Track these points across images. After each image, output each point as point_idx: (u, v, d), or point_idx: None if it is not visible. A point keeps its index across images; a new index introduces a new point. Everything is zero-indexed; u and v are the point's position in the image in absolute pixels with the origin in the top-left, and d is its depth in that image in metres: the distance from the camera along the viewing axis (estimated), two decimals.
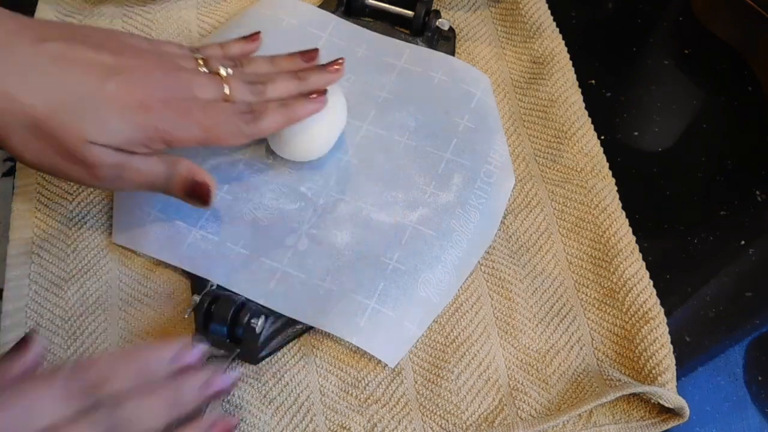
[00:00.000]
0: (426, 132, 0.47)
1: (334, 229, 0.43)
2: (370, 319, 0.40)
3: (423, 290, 0.41)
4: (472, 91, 0.48)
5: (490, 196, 0.45)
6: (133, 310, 0.42)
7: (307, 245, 0.42)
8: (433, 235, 0.43)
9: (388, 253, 0.42)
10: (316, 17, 0.52)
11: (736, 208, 0.47)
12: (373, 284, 0.41)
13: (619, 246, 0.43)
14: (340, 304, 0.40)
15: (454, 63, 0.50)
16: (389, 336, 0.40)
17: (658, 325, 0.40)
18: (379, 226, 0.43)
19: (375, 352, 0.39)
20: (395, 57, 0.50)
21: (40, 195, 0.45)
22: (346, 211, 0.44)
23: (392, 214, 0.43)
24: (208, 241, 0.42)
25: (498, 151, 0.46)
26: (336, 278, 0.41)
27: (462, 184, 0.44)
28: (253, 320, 0.39)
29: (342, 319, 0.40)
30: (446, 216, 0.43)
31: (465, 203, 0.44)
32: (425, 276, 0.41)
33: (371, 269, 0.41)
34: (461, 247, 0.43)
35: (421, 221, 0.43)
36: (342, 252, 0.42)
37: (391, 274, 0.41)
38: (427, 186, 0.44)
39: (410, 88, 0.48)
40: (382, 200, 0.44)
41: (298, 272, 0.41)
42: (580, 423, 0.38)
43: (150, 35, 0.52)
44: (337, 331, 0.40)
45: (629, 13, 0.56)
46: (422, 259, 0.42)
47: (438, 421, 0.39)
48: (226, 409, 0.39)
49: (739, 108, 0.51)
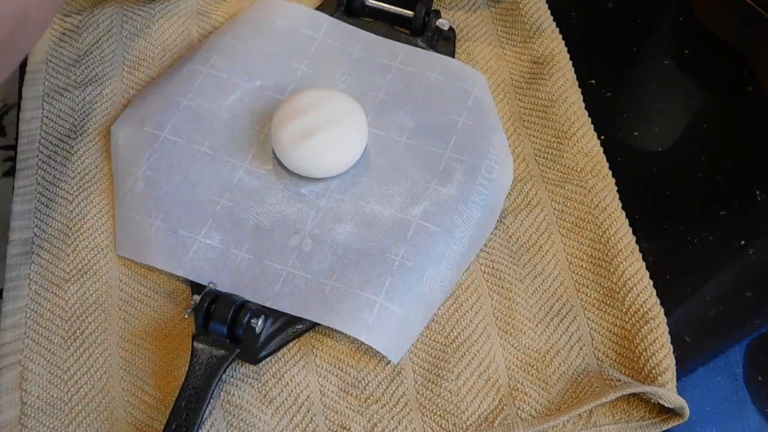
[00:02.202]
0: (425, 131, 0.47)
1: (338, 227, 0.43)
2: (379, 315, 0.40)
3: (428, 286, 0.41)
4: (468, 89, 0.48)
5: (491, 192, 0.45)
6: (133, 310, 0.42)
7: (311, 245, 0.42)
8: (437, 230, 0.43)
9: (393, 249, 0.42)
10: (310, 19, 0.51)
11: (736, 208, 0.47)
12: (380, 280, 0.41)
13: (619, 246, 0.43)
14: (347, 302, 0.40)
15: (449, 62, 0.50)
16: (396, 333, 0.40)
17: (658, 325, 0.40)
18: (383, 222, 0.43)
19: (382, 349, 0.39)
20: (390, 58, 0.50)
21: (40, 195, 0.45)
22: (349, 209, 0.44)
23: (395, 210, 0.43)
24: (212, 249, 0.42)
25: (497, 146, 0.46)
26: (342, 276, 0.41)
27: (463, 181, 0.45)
28: (253, 320, 0.39)
29: (350, 316, 0.40)
30: (449, 212, 0.43)
31: (467, 199, 0.44)
32: (430, 272, 0.42)
33: (377, 266, 0.41)
34: (463, 243, 0.43)
35: (425, 217, 0.43)
36: (347, 250, 0.42)
37: (398, 270, 0.41)
38: (428, 183, 0.44)
39: (407, 88, 0.48)
40: (384, 197, 0.44)
41: (303, 273, 0.41)
42: (580, 423, 0.38)
43: (150, 35, 0.52)
44: (346, 329, 0.40)
45: (629, 13, 0.56)
46: (428, 255, 0.42)
47: (438, 421, 0.39)
48: (227, 409, 0.39)
49: (739, 108, 0.51)
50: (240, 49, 0.49)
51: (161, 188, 0.44)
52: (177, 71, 0.49)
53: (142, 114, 0.47)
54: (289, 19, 0.51)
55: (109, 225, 0.44)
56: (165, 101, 0.47)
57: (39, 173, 0.46)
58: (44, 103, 0.49)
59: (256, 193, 0.44)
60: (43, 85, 0.50)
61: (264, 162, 0.45)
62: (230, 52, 0.49)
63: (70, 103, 0.49)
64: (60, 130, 0.48)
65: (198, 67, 0.48)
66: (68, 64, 0.51)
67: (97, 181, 0.46)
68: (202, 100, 0.47)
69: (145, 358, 0.40)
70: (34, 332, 0.41)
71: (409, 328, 0.41)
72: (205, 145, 0.46)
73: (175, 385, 0.39)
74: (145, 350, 0.41)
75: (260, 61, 0.49)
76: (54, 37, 0.52)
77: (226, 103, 0.47)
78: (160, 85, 0.49)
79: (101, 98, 0.49)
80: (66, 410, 0.39)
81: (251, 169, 0.45)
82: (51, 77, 0.50)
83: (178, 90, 0.48)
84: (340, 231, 0.43)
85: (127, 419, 0.39)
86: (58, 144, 0.47)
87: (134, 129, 0.46)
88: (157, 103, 0.47)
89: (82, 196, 0.45)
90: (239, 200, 0.44)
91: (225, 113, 0.47)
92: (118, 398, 0.39)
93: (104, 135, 0.48)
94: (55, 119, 0.48)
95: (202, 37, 0.53)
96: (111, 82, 0.50)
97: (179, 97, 0.47)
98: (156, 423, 0.39)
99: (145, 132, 0.46)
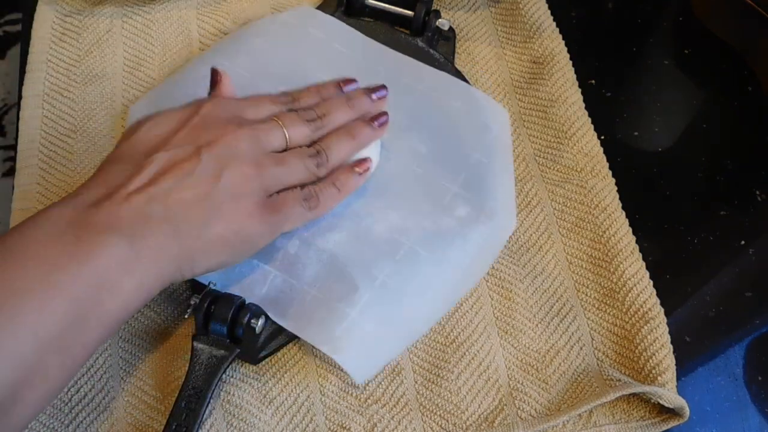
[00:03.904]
0: (436, 160, 0.45)
1: (328, 235, 0.42)
2: (348, 329, 0.39)
3: (407, 312, 0.40)
4: (489, 124, 0.47)
5: (491, 233, 0.43)
6: None
7: (297, 247, 0.41)
8: (428, 257, 0.41)
9: (379, 265, 0.41)
10: (344, 34, 0.51)
11: (736, 208, 0.47)
12: (359, 294, 0.40)
13: (619, 246, 0.43)
14: (321, 311, 0.39)
15: (474, 93, 0.49)
16: (364, 351, 0.39)
17: (658, 325, 0.40)
18: (375, 239, 0.42)
19: (344, 364, 0.38)
20: (416, 80, 0.49)
21: (40, 195, 0.45)
22: (344, 223, 0.42)
23: (390, 229, 0.42)
24: None
25: (505, 191, 0.45)
26: (324, 284, 0.40)
27: (465, 219, 0.43)
28: (253, 320, 0.39)
29: (319, 325, 0.39)
30: (444, 243, 0.42)
31: (465, 236, 0.42)
32: (412, 299, 0.40)
33: (359, 279, 0.40)
34: (455, 277, 0.42)
35: (419, 242, 0.42)
36: (333, 257, 0.41)
37: (379, 288, 0.40)
38: (430, 213, 0.43)
39: (427, 114, 0.47)
40: (382, 215, 0.43)
41: (288, 277, 0.41)
42: (580, 423, 0.38)
43: (150, 35, 0.52)
44: (311, 339, 0.39)
45: (629, 13, 0.56)
46: (412, 280, 0.41)
47: (438, 421, 0.39)
48: (227, 409, 0.39)
49: (739, 108, 0.51)
50: (269, 53, 0.49)
51: None
52: (203, 61, 0.49)
53: (162, 98, 0.47)
54: (324, 31, 0.51)
55: None
56: (185, 90, 0.47)
57: (39, 173, 0.46)
58: (44, 103, 0.49)
59: None
60: (43, 85, 0.50)
61: None
62: (258, 55, 0.49)
63: (70, 103, 0.49)
64: (60, 130, 0.48)
65: (224, 62, 0.48)
66: (68, 64, 0.51)
67: None
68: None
69: (145, 358, 0.40)
70: None
71: (379, 349, 0.39)
72: None
73: (175, 385, 0.39)
74: (145, 350, 0.41)
75: (286, 67, 0.48)
76: (54, 37, 0.52)
77: None
78: (185, 71, 0.48)
79: (101, 98, 0.49)
80: (66, 410, 0.39)
81: None
82: (51, 77, 0.50)
83: (200, 81, 0.47)
84: (330, 238, 0.42)
85: (127, 419, 0.39)
86: (58, 144, 0.47)
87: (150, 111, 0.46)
88: (177, 89, 0.47)
89: None
90: None
91: None
92: (118, 398, 0.39)
93: (104, 135, 0.48)
94: (55, 119, 0.48)
95: (202, 37, 0.53)
96: (111, 82, 0.50)
97: (199, 89, 0.47)
98: (156, 423, 0.39)
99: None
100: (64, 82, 0.50)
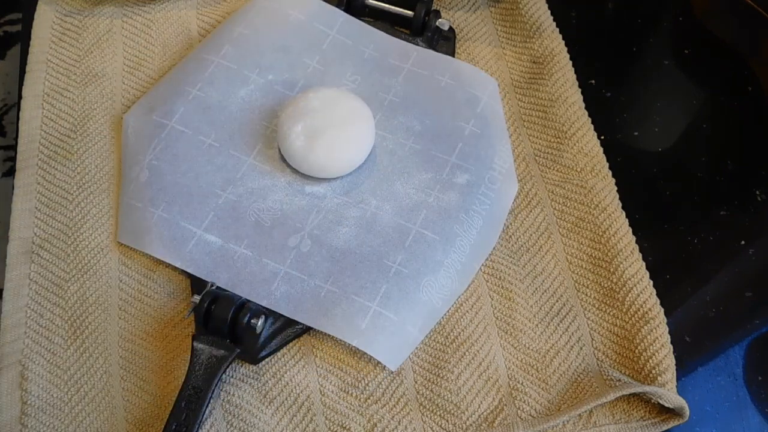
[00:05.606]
0: (431, 136, 0.46)
1: (337, 229, 0.43)
2: (372, 321, 0.40)
3: (425, 294, 0.41)
4: (478, 95, 0.48)
5: (493, 202, 0.44)
6: (133, 310, 0.42)
7: (309, 246, 0.42)
8: (436, 239, 0.43)
9: (391, 255, 0.42)
10: (324, 13, 0.51)
11: (736, 208, 0.47)
12: (376, 287, 0.41)
13: (619, 246, 0.43)
14: (341, 306, 0.40)
15: (461, 66, 0.50)
16: (391, 339, 0.40)
17: (658, 325, 0.40)
18: (383, 229, 0.43)
19: (377, 355, 0.39)
20: (402, 59, 0.50)
21: (40, 195, 0.45)
22: (350, 212, 0.43)
23: (396, 215, 0.43)
24: (211, 243, 0.42)
25: (503, 157, 0.46)
26: (338, 280, 0.41)
27: (466, 190, 0.44)
28: (253, 320, 0.39)
29: (343, 321, 0.40)
30: (449, 220, 0.43)
31: (468, 209, 0.44)
32: (428, 280, 0.41)
33: (374, 272, 0.41)
34: (464, 252, 0.43)
35: (425, 225, 0.43)
36: (345, 254, 0.42)
37: (394, 277, 0.41)
38: (431, 189, 0.44)
39: (416, 91, 0.48)
40: (386, 202, 0.44)
41: (300, 274, 0.41)
42: (580, 423, 0.38)
43: (150, 35, 0.52)
44: (339, 333, 0.40)
45: (629, 13, 0.56)
46: (425, 262, 0.42)
47: (438, 421, 0.39)
48: (227, 409, 0.39)
49: (739, 108, 0.51)
50: (252, 41, 0.49)
51: (165, 178, 0.44)
52: (189, 59, 0.49)
53: (153, 102, 0.47)
54: (304, 12, 0.51)
55: (110, 225, 0.44)
56: (174, 90, 0.47)
57: (39, 173, 0.46)
58: (44, 103, 0.49)
59: (258, 188, 0.44)
60: (43, 85, 0.50)
61: (269, 158, 0.45)
62: (242, 44, 0.49)
63: (70, 103, 0.49)
64: (60, 130, 0.48)
65: (209, 57, 0.48)
66: (68, 64, 0.51)
67: (97, 181, 0.46)
68: (211, 91, 0.47)
69: (145, 358, 0.40)
70: (34, 332, 0.41)
71: (406, 335, 0.40)
72: (212, 137, 0.46)
73: (175, 385, 0.39)
74: (145, 350, 0.41)
75: (271, 54, 0.49)
76: (54, 37, 0.52)
77: (235, 96, 0.47)
78: (173, 72, 0.49)
79: (101, 98, 0.49)
80: (66, 410, 0.39)
81: (256, 164, 0.45)
82: (51, 77, 0.50)
83: (188, 79, 0.47)
84: (340, 234, 0.43)
85: (127, 419, 0.39)
86: (58, 144, 0.47)
87: (144, 117, 0.46)
88: (167, 91, 0.47)
89: (82, 196, 0.45)
90: (242, 195, 0.44)
91: (233, 106, 0.47)
92: (118, 398, 0.39)
93: (104, 135, 0.48)
94: (55, 119, 0.48)
95: (201, 37, 0.53)
96: (111, 82, 0.50)
97: (188, 87, 0.47)
98: (156, 423, 0.39)
99: (154, 121, 0.46)
100: (63, 82, 0.50)
